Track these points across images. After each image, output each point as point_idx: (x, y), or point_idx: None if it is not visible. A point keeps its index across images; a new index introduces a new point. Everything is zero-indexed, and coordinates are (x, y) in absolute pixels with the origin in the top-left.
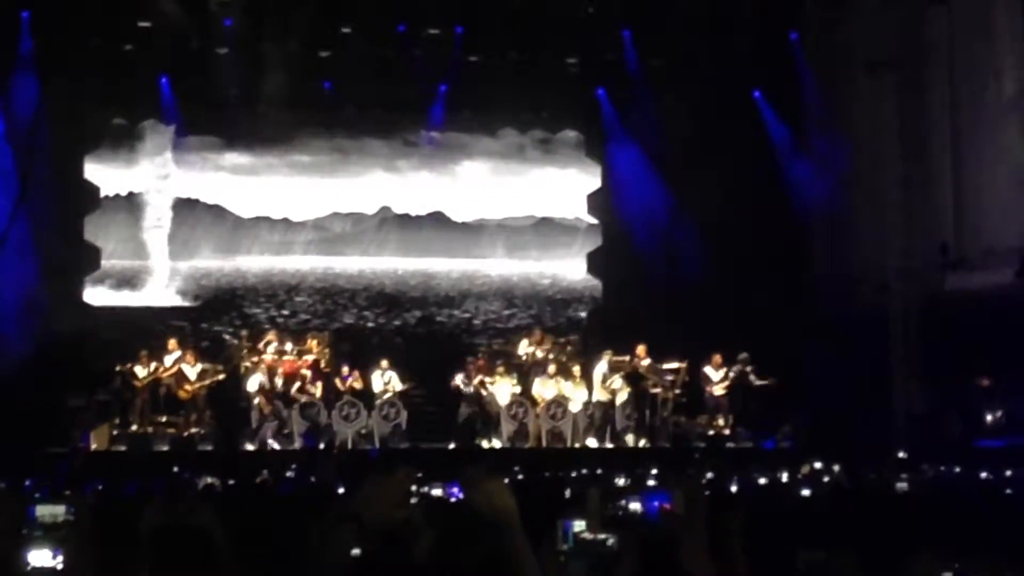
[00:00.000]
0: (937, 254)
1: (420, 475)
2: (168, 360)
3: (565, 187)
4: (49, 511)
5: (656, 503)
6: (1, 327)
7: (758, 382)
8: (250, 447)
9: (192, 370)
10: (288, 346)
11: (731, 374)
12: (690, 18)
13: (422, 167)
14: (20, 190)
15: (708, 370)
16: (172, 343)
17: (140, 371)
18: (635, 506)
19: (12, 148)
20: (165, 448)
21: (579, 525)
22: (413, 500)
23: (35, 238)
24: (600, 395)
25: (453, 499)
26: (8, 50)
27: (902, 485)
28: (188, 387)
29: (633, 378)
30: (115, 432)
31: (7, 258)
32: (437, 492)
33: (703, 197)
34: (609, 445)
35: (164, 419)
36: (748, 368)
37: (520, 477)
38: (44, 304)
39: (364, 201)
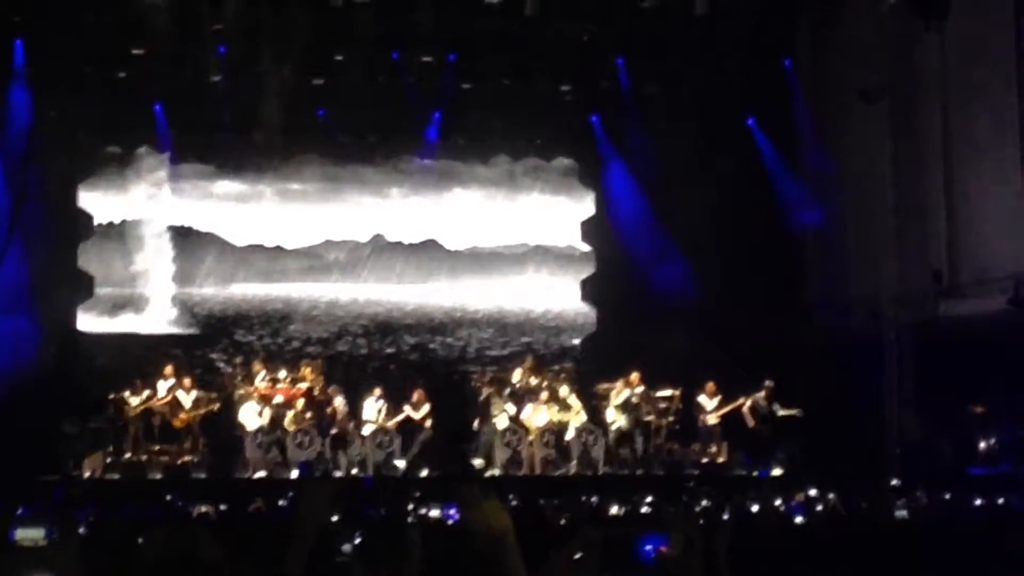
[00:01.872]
0: (930, 281)
1: (417, 495)
2: (162, 387)
3: (559, 214)
4: (30, 534)
5: (651, 547)
6: None
7: (782, 412)
8: (244, 475)
9: (187, 398)
10: (281, 374)
11: (750, 402)
12: (684, 45)
13: (415, 194)
14: (13, 217)
15: (702, 398)
16: (168, 369)
17: (133, 400)
18: None
19: (5, 175)
20: (159, 476)
21: None
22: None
23: (29, 265)
24: (622, 421)
25: (450, 520)
26: (1, 78)
27: (901, 513)
28: (183, 415)
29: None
30: (108, 460)
31: (0, 285)
32: (435, 513)
33: (697, 224)
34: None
35: (158, 447)
36: (772, 397)
37: (514, 504)
38: (37, 331)
39: (357, 228)
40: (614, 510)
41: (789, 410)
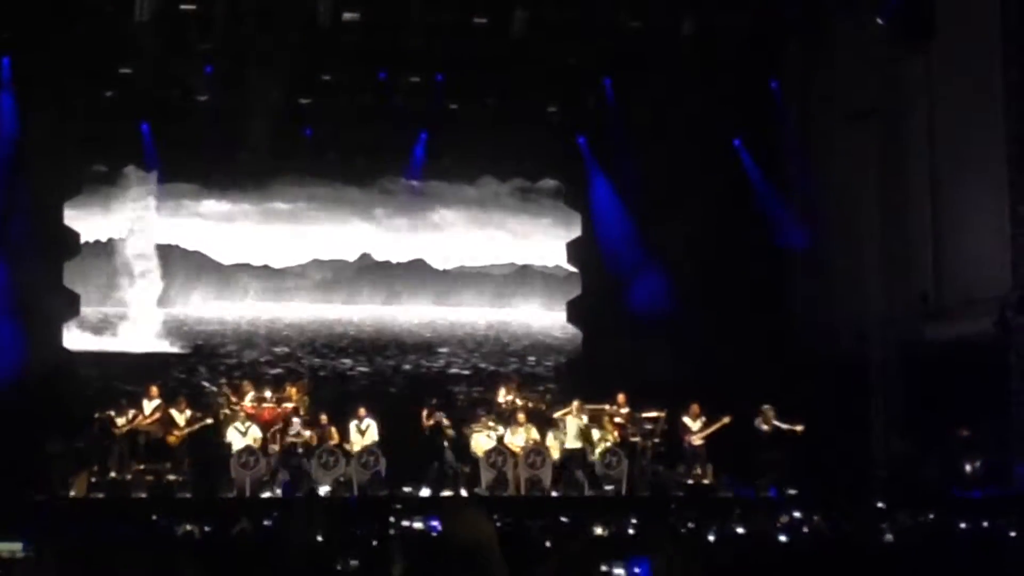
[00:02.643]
0: (916, 303)
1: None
2: (148, 407)
3: (545, 235)
4: (6, 547)
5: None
6: None
7: (785, 427)
8: (229, 494)
9: (181, 416)
10: (267, 393)
11: (767, 426)
12: (671, 67)
13: (401, 214)
14: None
15: (687, 419)
16: (153, 390)
17: (119, 419)
18: (619, 572)
19: None
20: (143, 495)
21: None
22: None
23: (14, 282)
24: (573, 443)
25: (434, 533)
26: None
27: (888, 536)
28: (177, 432)
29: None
30: (93, 479)
31: None
32: (418, 525)
33: (683, 245)
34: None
35: (143, 466)
36: (774, 417)
37: (499, 525)
38: (23, 350)
39: (344, 248)
40: (599, 531)
41: (793, 427)
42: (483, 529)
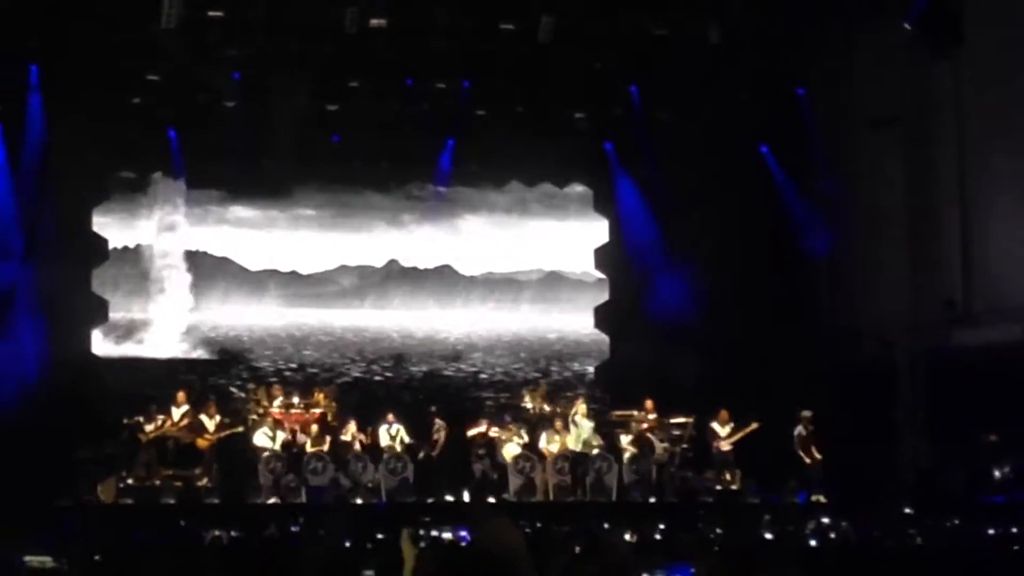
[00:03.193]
0: (943, 309)
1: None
2: (176, 414)
3: (572, 241)
4: (38, 559)
5: None
6: (9, 379)
7: (814, 449)
8: (257, 500)
9: (211, 421)
10: (295, 399)
11: (800, 432)
12: (697, 73)
13: (429, 221)
14: (28, 242)
15: (715, 425)
16: (181, 396)
17: (148, 425)
18: None
19: (20, 201)
20: (172, 501)
21: None
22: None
23: (43, 290)
24: (575, 446)
25: (463, 543)
26: (17, 104)
27: (916, 542)
28: (207, 436)
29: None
30: (122, 485)
31: (15, 310)
32: (447, 536)
33: (709, 251)
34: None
35: (171, 472)
36: (811, 428)
37: (527, 531)
38: (51, 355)
39: (371, 254)
40: (627, 537)
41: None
42: (512, 539)
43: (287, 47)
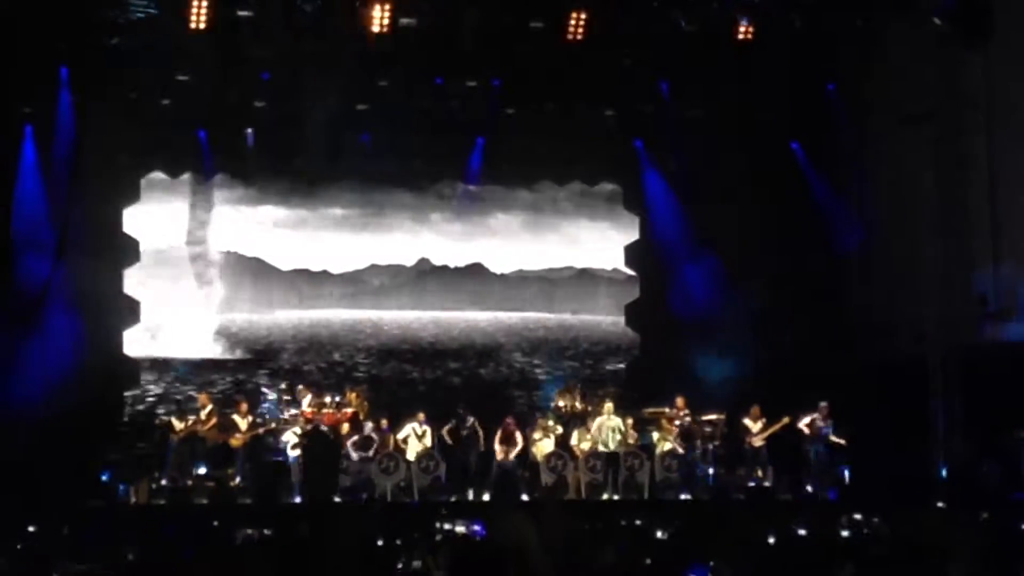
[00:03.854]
0: (975, 305)
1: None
2: (204, 414)
3: (603, 239)
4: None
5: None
6: (41, 380)
7: (834, 439)
8: (289, 500)
9: (243, 420)
10: (327, 399)
11: (811, 425)
12: (727, 69)
13: (459, 219)
14: (59, 242)
15: (747, 421)
16: (203, 398)
17: (178, 424)
18: None
19: (51, 202)
20: (204, 501)
21: None
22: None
23: (76, 291)
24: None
25: (478, 537)
26: (47, 105)
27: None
28: (239, 436)
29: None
30: (154, 486)
31: (48, 311)
32: (461, 529)
33: (740, 248)
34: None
35: (203, 472)
36: (828, 421)
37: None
38: (84, 356)
39: (402, 253)
40: (659, 535)
41: (839, 440)
42: (526, 533)
43: (316, 47)
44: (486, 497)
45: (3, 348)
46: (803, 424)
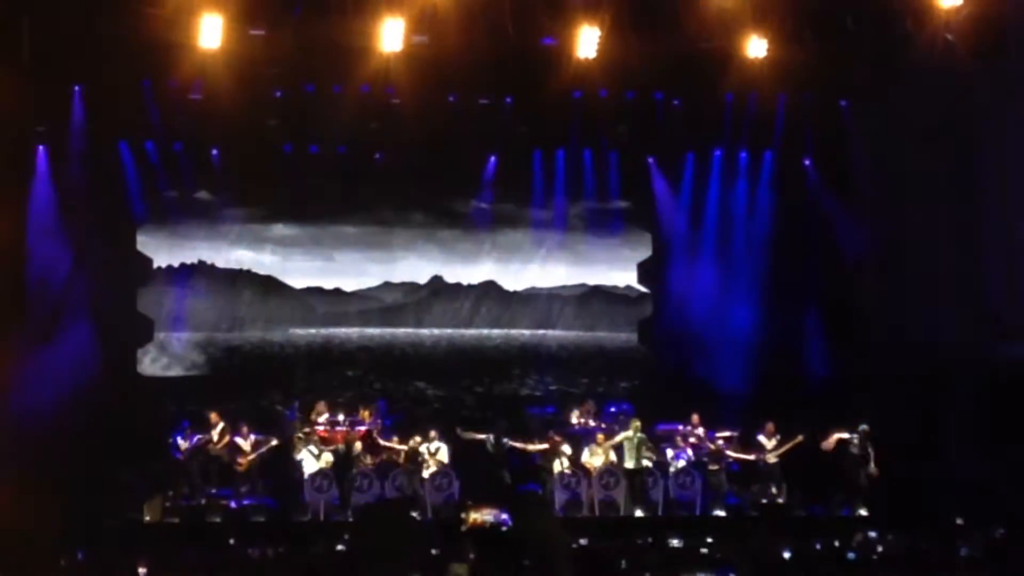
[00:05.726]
0: (989, 322)
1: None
2: (215, 434)
3: (615, 256)
4: None
5: None
6: (55, 398)
7: (872, 464)
8: (303, 518)
9: (245, 442)
10: (340, 416)
11: (854, 447)
12: (740, 85)
13: (472, 237)
14: (75, 261)
15: (761, 438)
16: (214, 416)
17: (182, 442)
18: None
19: (65, 220)
20: (218, 520)
21: None
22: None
23: (89, 309)
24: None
25: (504, 527)
26: (60, 122)
27: (963, 553)
28: (242, 460)
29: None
30: (167, 504)
31: (61, 329)
32: (488, 519)
33: (753, 264)
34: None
35: (216, 490)
36: (869, 443)
37: (574, 547)
38: (97, 375)
39: (415, 271)
40: (674, 542)
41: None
42: (552, 528)
43: (329, 65)
44: None
45: (16, 364)
46: (837, 440)
